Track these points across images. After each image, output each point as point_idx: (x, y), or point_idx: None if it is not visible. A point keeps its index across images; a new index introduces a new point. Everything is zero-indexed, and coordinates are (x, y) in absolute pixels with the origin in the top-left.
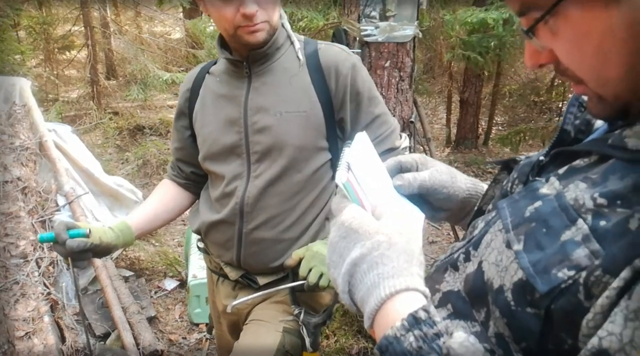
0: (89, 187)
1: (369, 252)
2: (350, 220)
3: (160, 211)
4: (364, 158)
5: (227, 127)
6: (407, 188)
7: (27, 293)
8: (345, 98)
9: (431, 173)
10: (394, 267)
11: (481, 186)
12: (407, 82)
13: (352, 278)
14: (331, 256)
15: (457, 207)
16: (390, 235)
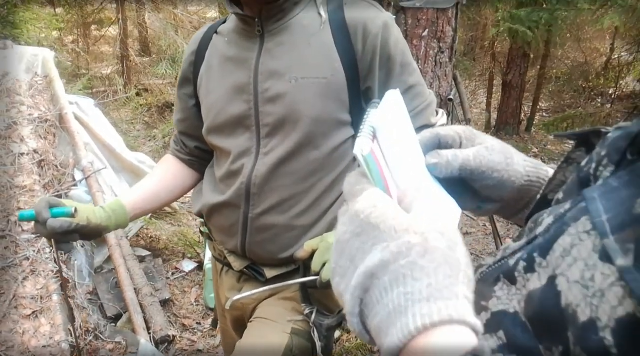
0: (110, 162)
1: (394, 258)
2: (369, 209)
3: (159, 190)
4: (395, 125)
5: (234, 94)
6: (444, 169)
7: (37, 270)
8: (373, 64)
9: (478, 151)
10: (430, 284)
11: (545, 170)
12: (447, 54)
13: (367, 295)
14: (338, 260)
15: (512, 197)
16: (426, 236)
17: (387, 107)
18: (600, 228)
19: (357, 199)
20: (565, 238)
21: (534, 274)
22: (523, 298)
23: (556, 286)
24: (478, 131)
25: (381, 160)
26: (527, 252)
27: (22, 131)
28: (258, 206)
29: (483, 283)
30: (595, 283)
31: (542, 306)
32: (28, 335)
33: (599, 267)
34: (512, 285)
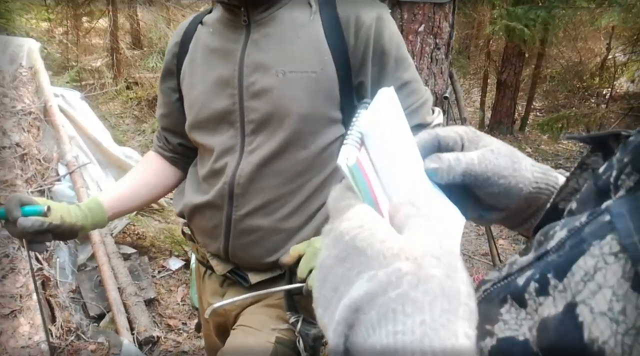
0: (96, 156)
1: (382, 289)
2: (354, 230)
3: (139, 188)
4: (388, 127)
5: (218, 88)
6: (445, 174)
7: (16, 267)
8: (366, 57)
9: (483, 154)
10: (424, 321)
11: (554, 176)
12: (444, 51)
13: (352, 332)
14: (321, 288)
15: (518, 206)
16: (419, 262)
17: (379, 108)
18: (632, 251)
19: (341, 217)
20: (586, 260)
21: (547, 298)
22: (535, 325)
23: (576, 316)
24: (481, 132)
25: (369, 170)
26: (540, 271)
27: (4, 124)
28: (242, 207)
29: (487, 304)
30: (628, 318)
31: (559, 337)
32: (6, 335)
33: (632, 299)
34: (522, 308)
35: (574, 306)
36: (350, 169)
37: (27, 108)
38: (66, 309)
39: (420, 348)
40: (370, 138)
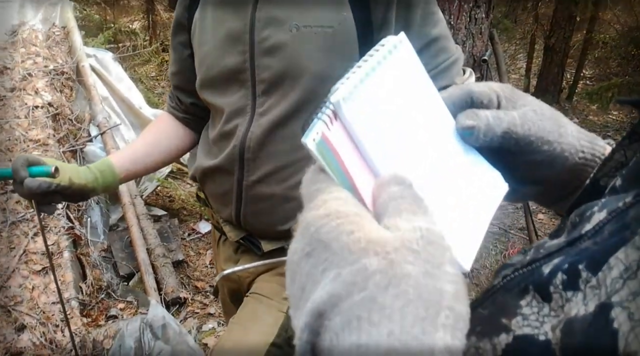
0: (128, 118)
1: (346, 292)
2: (320, 220)
3: (151, 150)
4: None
5: (228, 44)
6: (482, 135)
7: (48, 225)
8: (389, 12)
9: (525, 114)
10: (392, 332)
11: (601, 146)
12: (484, 9)
13: (319, 340)
14: (290, 287)
15: (560, 178)
16: (391, 258)
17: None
18: None
19: (310, 205)
20: (628, 252)
21: (577, 293)
22: (559, 325)
23: (611, 321)
24: (521, 91)
25: (344, 147)
26: (570, 260)
27: (36, 83)
28: (253, 173)
29: (505, 293)
30: None
31: (587, 344)
32: (37, 291)
33: None
34: (545, 302)
35: (609, 308)
36: (318, 147)
37: (59, 68)
38: (97, 268)
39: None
40: (341, 110)
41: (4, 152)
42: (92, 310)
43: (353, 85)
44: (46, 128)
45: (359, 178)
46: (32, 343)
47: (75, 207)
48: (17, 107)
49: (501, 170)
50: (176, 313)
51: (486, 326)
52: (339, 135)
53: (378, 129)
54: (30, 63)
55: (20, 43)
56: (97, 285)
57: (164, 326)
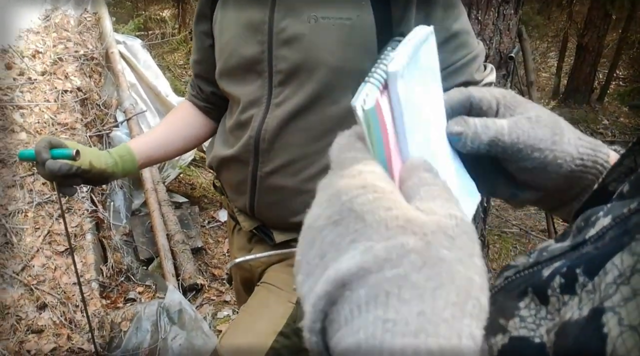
0: (154, 105)
1: (377, 266)
2: (355, 191)
3: (172, 137)
4: (417, 76)
5: (247, 34)
6: (469, 142)
7: (72, 207)
8: (409, 4)
9: (517, 122)
10: (423, 312)
11: (605, 154)
12: (513, 5)
13: (334, 309)
14: (305, 252)
15: (556, 185)
16: (429, 240)
17: (412, 48)
18: None
19: (342, 172)
20: (624, 257)
21: (573, 297)
22: (554, 328)
23: (602, 325)
24: (522, 98)
25: (388, 121)
26: (569, 264)
27: (66, 68)
28: (267, 164)
29: (506, 294)
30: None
31: (578, 348)
32: (60, 271)
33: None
34: (543, 305)
35: (601, 313)
36: (366, 114)
37: (89, 54)
38: (118, 251)
39: (413, 345)
40: (396, 82)
41: (33, 135)
42: (112, 292)
43: (407, 61)
44: (74, 112)
45: (394, 155)
46: (52, 321)
47: (99, 191)
48: (47, 90)
49: (500, 175)
50: (193, 299)
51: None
52: (386, 107)
53: (412, 113)
54: (62, 48)
55: (52, 28)
56: (117, 268)
57: (180, 311)
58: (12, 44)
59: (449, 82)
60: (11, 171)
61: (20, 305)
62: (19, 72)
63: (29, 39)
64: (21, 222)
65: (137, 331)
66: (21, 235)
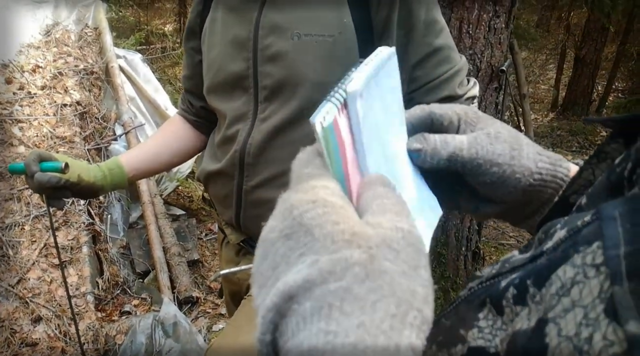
0: (153, 118)
1: (322, 279)
2: (306, 205)
3: (161, 151)
4: (378, 96)
5: (234, 50)
6: (429, 158)
7: (69, 220)
8: (390, 21)
9: (476, 138)
10: (363, 324)
11: (565, 168)
12: (503, 19)
13: (283, 321)
14: (259, 264)
15: (516, 199)
16: (373, 253)
17: (373, 69)
18: (612, 266)
19: (297, 187)
20: (566, 269)
21: (524, 308)
22: (507, 338)
23: (544, 335)
24: (485, 114)
25: (347, 139)
26: (522, 275)
27: (66, 82)
28: (252, 178)
29: (467, 305)
30: (593, 348)
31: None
32: (55, 284)
33: (602, 326)
34: (499, 315)
35: (545, 324)
36: (324, 131)
37: (89, 68)
38: (115, 264)
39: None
40: (356, 101)
41: (31, 148)
42: (107, 305)
43: (366, 81)
44: (73, 125)
45: (352, 171)
46: (47, 334)
47: (97, 204)
48: (46, 104)
49: (463, 189)
50: (188, 312)
51: (446, 337)
52: (344, 126)
53: (371, 131)
54: (62, 62)
55: (53, 42)
56: (113, 280)
57: (175, 324)
58: (12, 59)
59: (431, 97)
60: (8, 184)
61: (15, 318)
62: (19, 86)
63: (30, 53)
64: (17, 235)
65: (131, 344)
66: (17, 248)
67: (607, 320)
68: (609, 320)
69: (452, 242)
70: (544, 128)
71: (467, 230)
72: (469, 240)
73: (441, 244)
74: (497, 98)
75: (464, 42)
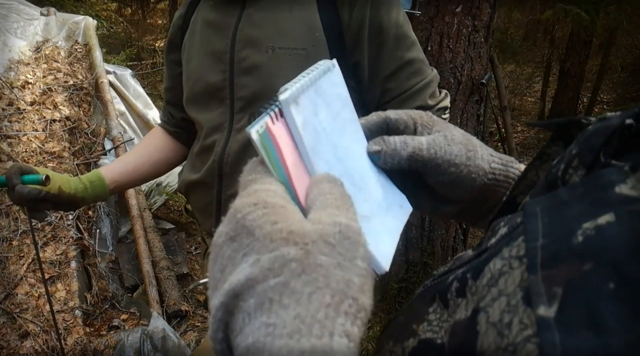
0: (143, 133)
1: (262, 276)
2: (247, 208)
3: (143, 163)
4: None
5: (211, 63)
6: (389, 158)
7: (58, 235)
8: (361, 35)
9: (434, 140)
10: (299, 315)
11: (516, 169)
12: (483, 33)
13: (232, 319)
14: (212, 268)
15: (472, 198)
16: (309, 249)
17: (309, 79)
18: (530, 257)
19: (242, 192)
20: (496, 262)
21: (464, 300)
22: (450, 328)
23: (476, 323)
24: (439, 118)
25: (286, 144)
26: (465, 270)
27: (56, 98)
28: (231, 187)
29: (420, 301)
30: (512, 332)
31: (461, 345)
32: (43, 299)
33: (520, 312)
34: (445, 308)
35: (477, 313)
36: (260, 138)
37: (79, 84)
38: (104, 278)
39: (289, 345)
40: (288, 110)
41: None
42: (96, 320)
43: (300, 90)
44: (62, 141)
45: (295, 175)
46: (35, 350)
47: (86, 218)
48: (35, 120)
49: (422, 190)
50: (177, 326)
51: (401, 332)
52: (281, 132)
53: (315, 135)
54: (51, 78)
55: (42, 59)
56: (102, 295)
57: (164, 338)
58: (2, 75)
59: (404, 107)
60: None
61: (2, 334)
62: (8, 102)
63: (20, 70)
64: (5, 250)
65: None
66: (5, 263)
67: (524, 306)
68: (525, 306)
69: (438, 252)
70: (530, 139)
71: (453, 240)
72: (455, 250)
73: (427, 254)
74: (478, 110)
75: (445, 56)
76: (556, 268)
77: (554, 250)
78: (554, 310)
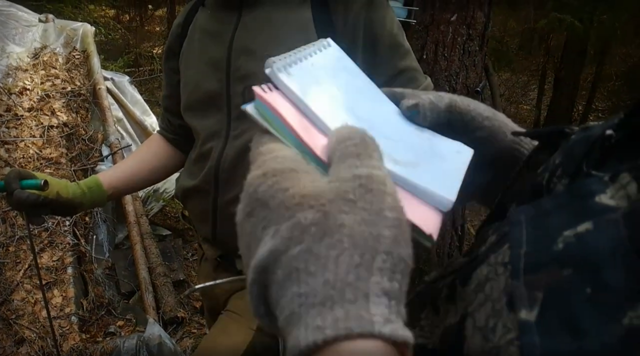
0: (141, 139)
1: (284, 246)
2: (257, 180)
3: (141, 169)
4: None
5: (209, 70)
6: (428, 111)
7: (54, 241)
8: (355, 45)
9: (461, 98)
10: (328, 281)
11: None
12: (477, 42)
13: (268, 292)
14: (240, 247)
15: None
16: (326, 210)
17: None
18: (514, 263)
19: (252, 167)
20: (483, 268)
21: (453, 306)
22: (440, 334)
23: (464, 328)
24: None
25: (288, 110)
26: (454, 277)
27: (53, 104)
28: (227, 193)
29: (414, 307)
30: (496, 336)
31: (451, 350)
32: (39, 305)
33: (503, 316)
34: (436, 314)
35: (465, 318)
36: (257, 110)
37: (77, 90)
38: (100, 285)
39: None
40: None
41: None
42: (92, 326)
43: (289, 62)
44: (60, 147)
45: (307, 135)
46: None
47: (82, 225)
48: (33, 126)
49: None
50: (173, 333)
51: None
52: (279, 100)
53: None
54: (49, 85)
55: (40, 65)
56: (98, 301)
57: (160, 345)
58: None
59: None
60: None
61: None
62: (5, 108)
63: (17, 76)
64: (2, 256)
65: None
66: (1, 269)
67: (507, 310)
68: (509, 310)
69: (433, 258)
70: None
71: (448, 247)
72: (450, 257)
73: (422, 261)
74: None
75: (440, 64)
76: (538, 274)
77: (536, 257)
78: (534, 314)
